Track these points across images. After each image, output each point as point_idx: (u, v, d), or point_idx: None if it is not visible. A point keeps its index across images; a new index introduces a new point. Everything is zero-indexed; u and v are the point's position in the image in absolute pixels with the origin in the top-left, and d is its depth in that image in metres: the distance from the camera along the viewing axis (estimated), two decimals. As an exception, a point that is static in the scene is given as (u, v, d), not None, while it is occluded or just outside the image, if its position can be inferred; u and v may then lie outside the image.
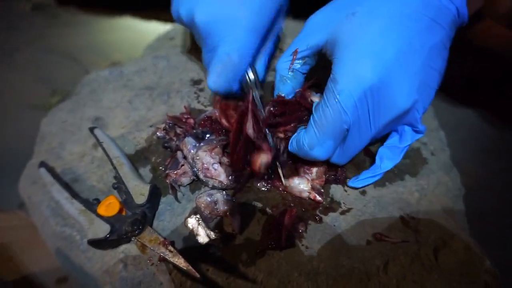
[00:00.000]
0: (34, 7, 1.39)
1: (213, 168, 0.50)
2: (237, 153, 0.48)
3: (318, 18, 0.50)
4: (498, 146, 0.72)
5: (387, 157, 0.51)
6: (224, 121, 0.53)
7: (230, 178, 0.50)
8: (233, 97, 0.55)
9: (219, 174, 0.50)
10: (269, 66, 0.61)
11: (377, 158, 0.52)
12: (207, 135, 0.53)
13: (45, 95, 1.07)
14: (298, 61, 0.52)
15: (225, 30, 0.50)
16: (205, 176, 0.50)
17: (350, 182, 0.53)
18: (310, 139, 0.46)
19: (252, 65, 0.53)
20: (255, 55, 0.54)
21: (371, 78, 0.41)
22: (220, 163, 0.51)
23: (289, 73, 0.53)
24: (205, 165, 0.50)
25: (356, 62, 0.42)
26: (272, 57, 0.61)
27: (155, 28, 1.23)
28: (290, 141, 0.49)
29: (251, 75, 0.53)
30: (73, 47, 1.21)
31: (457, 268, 0.46)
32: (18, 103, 1.03)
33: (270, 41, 0.58)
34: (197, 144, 0.51)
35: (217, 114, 0.54)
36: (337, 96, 0.42)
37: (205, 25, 0.51)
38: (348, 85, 0.42)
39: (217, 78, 0.51)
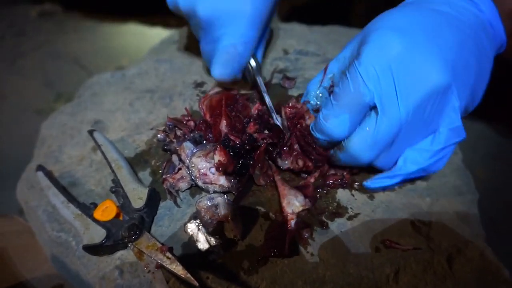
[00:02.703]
0: (41, 14, 1.40)
1: (211, 172, 0.48)
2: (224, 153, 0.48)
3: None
4: (510, 150, 0.69)
5: (412, 160, 0.44)
6: (208, 118, 0.53)
7: (232, 181, 0.48)
8: (234, 83, 0.58)
9: (218, 178, 0.48)
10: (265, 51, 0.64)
11: (400, 159, 0.45)
12: (205, 140, 0.52)
13: (49, 99, 1.07)
14: (328, 79, 0.50)
15: (230, 22, 0.51)
16: (204, 182, 0.48)
17: (365, 182, 0.48)
18: (326, 111, 0.43)
19: (253, 53, 0.56)
20: (256, 44, 0.55)
21: (396, 48, 0.39)
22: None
23: (318, 92, 0.51)
24: (202, 171, 0.48)
25: (380, 36, 0.41)
26: (266, 42, 0.65)
27: (161, 33, 1.23)
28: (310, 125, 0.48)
29: (253, 63, 0.56)
30: (78, 53, 1.21)
31: (472, 277, 0.43)
32: (23, 108, 1.04)
33: (267, 29, 0.60)
34: (194, 150, 0.49)
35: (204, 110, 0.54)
36: (358, 67, 0.40)
37: (208, 16, 0.51)
38: (370, 55, 0.40)
39: (223, 68, 0.53)
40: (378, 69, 0.39)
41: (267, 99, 0.53)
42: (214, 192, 0.49)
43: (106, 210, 0.46)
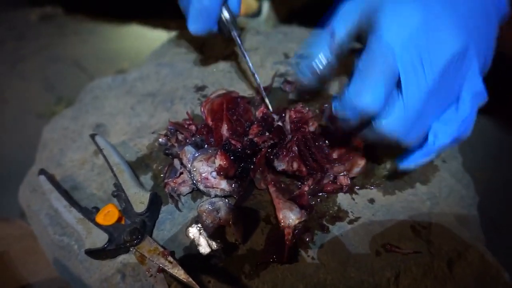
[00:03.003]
0: (41, 17, 1.40)
1: (212, 177, 0.48)
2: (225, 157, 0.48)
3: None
4: (510, 153, 0.69)
5: (442, 132, 0.43)
6: (210, 122, 0.53)
7: (233, 185, 0.49)
8: (214, 35, 0.58)
9: (219, 182, 0.48)
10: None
11: (429, 134, 0.43)
12: (206, 144, 0.52)
13: (50, 103, 1.07)
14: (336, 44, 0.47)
15: None
16: (206, 186, 0.48)
17: (399, 161, 0.46)
18: (355, 87, 0.41)
19: (225, 4, 0.55)
20: None
21: (416, 17, 0.39)
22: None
23: (320, 56, 0.48)
24: (204, 175, 0.48)
25: (398, 6, 0.40)
26: None
27: (162, 36, 1.23)
28: (333, 105, 0.45)
29: (226, 15, 0.55)
30: (79, 56, 1.21)
31: (473, 281, 0.44)
32: (23, 111, 1.04)
33: None
34: (196, 154, 0.49)
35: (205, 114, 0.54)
36: (382, 39, 0.40)
37: None
38: (392, 26, 0.40)
39: (195, 23, 0.54)
40: (402, 39, 0.39)
41: (244, 54, 0.54)
42: (216, 196, 0.49)
43: (108, 214, 0.46)
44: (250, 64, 0.54)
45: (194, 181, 0.48)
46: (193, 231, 0.46)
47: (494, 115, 0.75)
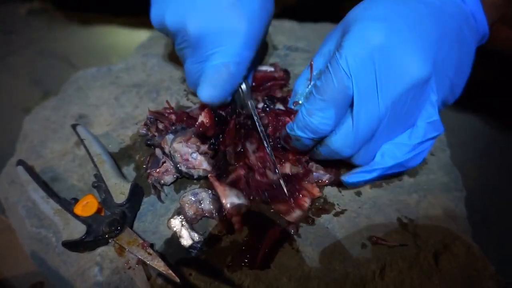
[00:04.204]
0: (30, 11, 1.38)
1: (192, 157, 0.47)
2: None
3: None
4: (498, 148, 0.69)
5: (390, 154, 0.43)
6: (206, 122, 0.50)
7: (213, 164, 0.48)
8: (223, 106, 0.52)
9: (201, 162, 0.47)
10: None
11: (377, 153, 0.44)
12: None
13: (37, 97, 1.05)
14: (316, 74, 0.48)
15: (223, 40, 0.47)
16: (187, 167, 0.47)
17: (343, 177, 0.47)
18: (310, 105, 0.41)
19: (245, 76, 0.51)
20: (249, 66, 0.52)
21: (378, 38, 0.38)
22: (199, 152, 0.48)
23: (307, 90, 0.49)
24: (184, 156, 0.47)
25: (362, 26, 0.39)
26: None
27: (152, 32, 1.22)
28: (286, 126, 0.46)
29: (243, 87, 0.51)
30: (68, 51, 1.19)
31: (459, 273, 0.43)
32: (10, 106, 1.02)
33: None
34: (174, 137, 0.48)
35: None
36: (339, 59, 0.39)
37: (199, 33, 0.47)
38: (352, 46, 0.39)
39: (213, 90, 0.48)
40: (359, 61, 0.38)
41: (259, 124, 0.49)
42: (199, 177, 0.48)
43: (87, 206, 0.45)
44: (263, 129, 0.50)
45: (177, 164, 0.47)
46: (175, 223, 0.45)
47: (483, 110, 0.75)
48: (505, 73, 0.79)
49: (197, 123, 0.46)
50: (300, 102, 0.50)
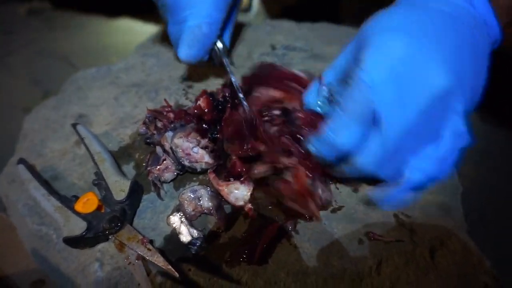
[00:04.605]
0: (30, 11, 1.38)
1: (194, 152, 0.48)
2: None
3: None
4: (495, 147, 0.70)
5: (418, 168, 0.41)
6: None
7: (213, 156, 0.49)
8: (202, 65, 0.59)
9: (203, 155, 0.48)
10: (232, 36, 0.65)
11: (406, 169, 0.41)
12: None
13: (37, 97, 1.06)
14: (325, 88, 0.48)
15: (194, 3, 0.53)
16: (190, 161, 0.48)
17: (375, 196, 0.44)
18: (334, 124, 0.39)
19: (219, 35, 0.57)
20: (222, 26, 0.56)
21: (400, 50, 0.37)
22: (199, 146, 0.49)
23: (318, 101, 0.49)
24: (186, 151, 0.48)
25: (383, 39, 0.39)
26: (234, 27, 0.65)
27: (151, 31, 1.22)
28: (308, 140, 0.44)
29: (219, 45, 0.57)
30: (68, 50, 1.20)
31: (455, 269, 0.43)
32: (10, 105, 1.02)
33: (233, 13, 0.61)
34: (174, 133, 0.49)
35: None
36: (362, 72, 0.38)
37: None
38: (374, 59, 0.38)
39: (189, 49, 0.54)
40: (383, 73, 0.37)
41: (233, 79, 0.53)
42: (202, 170, 0.49)
43: (87, 203, 0.45)
44: (237, 85, 0.53)
45: (179, 159, 0.48)
46: (175, 220, 0.46)
47: (481, 109, 0.75)
48: (504, 72, 0.79)
49: (193, 105, 0.49)
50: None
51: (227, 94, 0.54)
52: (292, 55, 0.71)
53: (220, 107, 0.51)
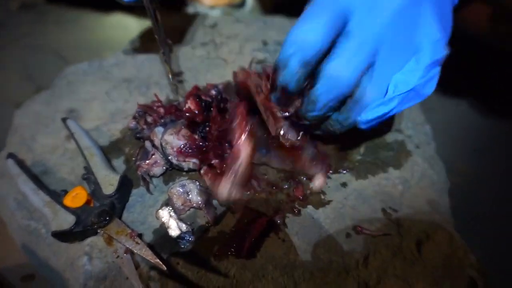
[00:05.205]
0: (22, 5, 1.37)
1: None
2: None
3: None
4: (485, 142, 0.70)
5: (402, 82, 0.40)
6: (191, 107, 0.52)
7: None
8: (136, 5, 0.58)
9: None
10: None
11: (390, 85, 0.41)
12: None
13: (29, 92, 1.05)
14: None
15: None
16: (178, 160, 0.48)
17: (359, 117, 0.42)
18: (301, 18, 0.38)
19: None
20: None
21: None
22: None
23: None
24: (175, 149, 0.48)
25: None
26: None
27: (143, 27, 1.22)
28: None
29: None
30: (60, 46, 1.19)
31: (441, 261, 0.44)
32: (2, 100, 1.01)
33: None
34: (165, 129, 0.49)
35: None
36: None
37: None
38: None
39: None
40: None
41: (152, 14, 0.54)
42: (189, 170, 0.49)
43: (76, 197, 0.45)
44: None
45: (168, 156, 0.48)
46: (163, 214, 0.46)
47: (471, 105, 0.76)
48: (495, 68, 0.80)
49: (184, 109, 0.48)
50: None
51: (214, 93, 0.54)
52: (283, 51, 0.71)
53: (207, 104, 0.51)
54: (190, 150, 0.48)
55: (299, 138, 0.47)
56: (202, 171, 0.50)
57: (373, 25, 0.38)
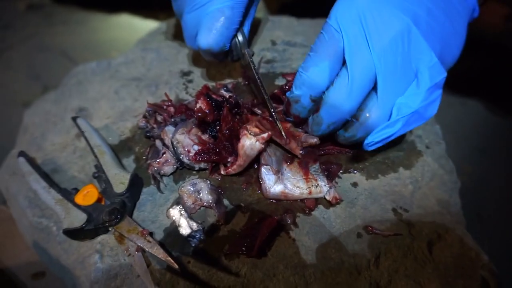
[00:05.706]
0: (29, 6, 1.38)
1: (194, 150, 0.48)
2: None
3: None
4: (494, 143, 0.70)
5: (405, 105, 0.43)
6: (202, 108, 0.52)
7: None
8: (222, 60, 0.57)
9: None
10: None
11: (393, 109, 0.43)
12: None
13: (37, 92, 1.06)
14: None
15: None
16: (189, 159, 0.48)
17: (366, 141, 0.44)
18: (305, 62, 0.44)
19: (240, 28, 0.55)
20: (243, 18, 0.55)
21: (363, 2, 0.42)
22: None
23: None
24: (187, 148, 0.48)
25: None
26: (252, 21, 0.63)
27: (150, 26, 1.22)
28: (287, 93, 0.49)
29: (240, 37, 0.55)
30: (66, 46, 1.20)
31: (452, 262, 0.44)
32: (9, 100, 1.02)
33: (253, 6, 0.59)
34: (176, 128, 0.49)
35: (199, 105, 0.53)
36: (330, 19, 0.43)
37: None
38: (340, 7, 0.43)
39: (211, 34, 0.51)
40: (347, 17, 0.42)
41: (256, 72, 0.53)
42: (200, 169, 0.49)
43: (88, 195, 0.46)
44: (261, 79, 0.53)
45: (179, 155, 0.48)
46: (174, 212, 0.46)
47: (479, 106, 0.76)
48: (503, 69, 0.79)
49: (195, 108, 0.48)
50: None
51: (224, 92, 0.54)
52: (292, 51, 0.72)
53: (218, 104, 0.51)
54: (205, 156, 0.48)
55: (316, 140, 0.50)
56: (222, 172, 0.50)
57: (366, 58, 0.41)
